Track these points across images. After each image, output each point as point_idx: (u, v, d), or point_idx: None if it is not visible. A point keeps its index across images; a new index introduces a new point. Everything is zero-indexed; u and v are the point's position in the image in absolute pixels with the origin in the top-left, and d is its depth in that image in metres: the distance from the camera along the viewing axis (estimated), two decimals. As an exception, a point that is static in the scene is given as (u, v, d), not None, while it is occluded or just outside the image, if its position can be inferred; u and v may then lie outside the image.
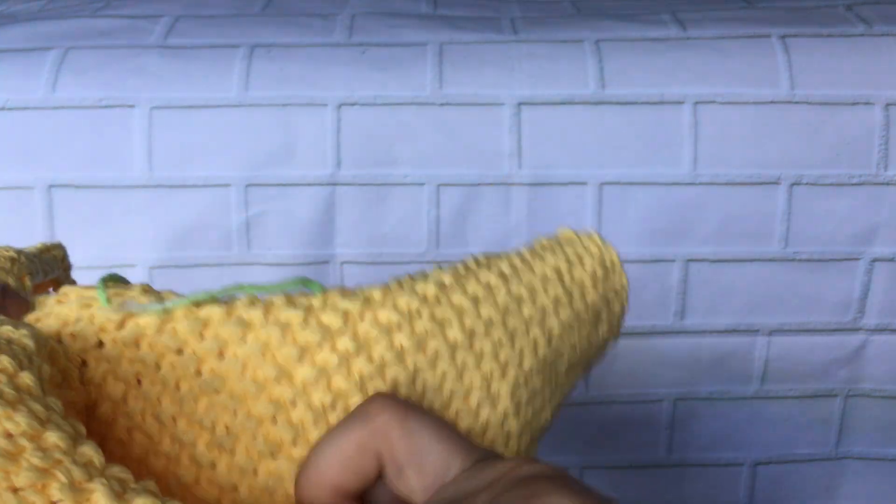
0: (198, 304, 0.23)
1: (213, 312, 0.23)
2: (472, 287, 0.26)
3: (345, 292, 0.24)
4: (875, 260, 0.57)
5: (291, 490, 0.23)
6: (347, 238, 0.56)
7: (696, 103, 0.55)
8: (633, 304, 0.60)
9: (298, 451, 0.23)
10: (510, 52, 0.57)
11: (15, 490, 0.16)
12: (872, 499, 0.63)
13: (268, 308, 0.23)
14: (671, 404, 0.60)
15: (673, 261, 0.57)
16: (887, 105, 0.55)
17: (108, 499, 0.16)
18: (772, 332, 0.59)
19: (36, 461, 0.17)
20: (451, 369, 0.24)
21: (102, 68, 0.55)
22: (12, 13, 0.63)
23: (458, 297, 0.25)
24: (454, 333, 0.25)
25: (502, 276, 0.26)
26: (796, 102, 0.55)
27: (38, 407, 0.18)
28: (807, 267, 0.57)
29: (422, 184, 0.55)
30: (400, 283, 0.25)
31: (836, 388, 0.60)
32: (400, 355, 0.24)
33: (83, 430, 0.18)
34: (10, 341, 0.19)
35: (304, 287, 0.25)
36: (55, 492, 0.16)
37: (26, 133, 0.54)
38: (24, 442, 0.17)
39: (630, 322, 0.58)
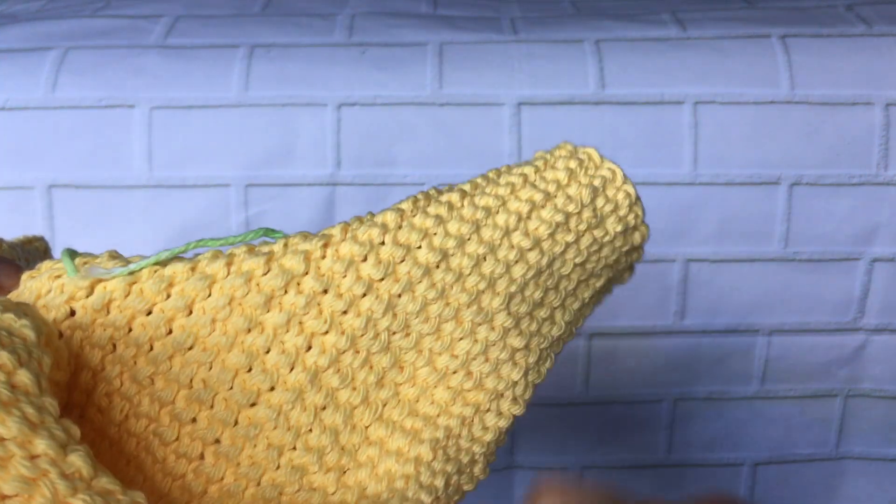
0: (161, 263, 0.23)
1: (177, 270, 0.23)
2: (433, 208, 0.25)
3: (306, 235, 0.24)
4: (875, 260, 0.57)
5: (272, 437, 0.23)
6: (347, 238, 0.56)
7: (696, 103, 0.55)
8: (633, 304, 0.60)
9: (276, 398, 0.23)
10: (510, 52, 0.57)
11: (2, 497, 0.17)
12: (872, 499, 0.63)
13: (230, 260, 0.23)
14: (671, 404, 0.60)
15: (673, 261, 0.57)
16: (887, 105, 0.55)
17: None
18: (772, 332, 0.59)
19: (24, 471, 0.17)
20: (430, 291, 0.24)
21: (102, 68, 0.55)
22: (12, 13, 0.63)
23: (419, 219, 0.25)
24: (424, 254, 0.24)
25: (462, 192, 0.26)
26: (796, 102, 0.55)
27: (31, 410, 0.18)
28: (807, 267, 0.57)
29: (422, 184, 0.55)
30: (359, 219, 0.25)
31: (836, 388, 0.60)
32: (370, 286, 0.24)
33: (76, 432, 0.19)
34: (10, 333, 0.20)
35: (266, 237, 0.25)
36: None
37: (26, 133, 0.54)
38: (13, 448, 0.17)
39: (630, 322, 0.58)
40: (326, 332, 0.23)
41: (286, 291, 0.23)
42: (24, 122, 0.54)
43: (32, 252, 0.32)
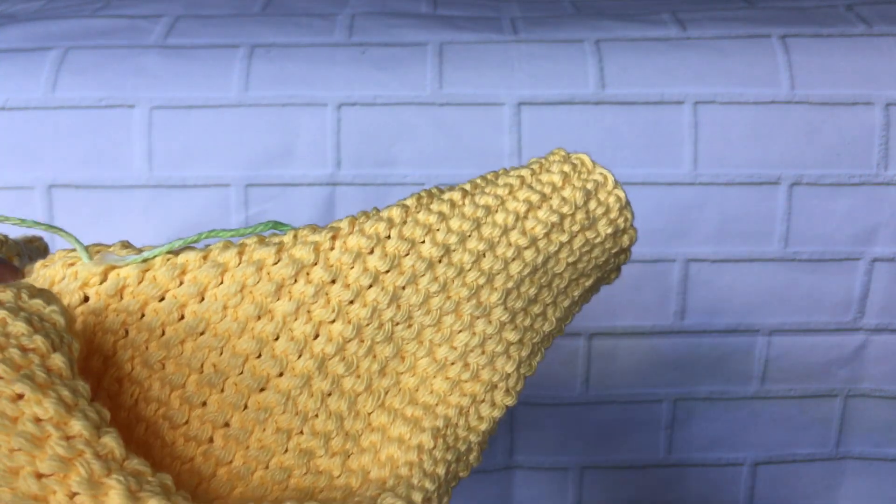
0: (174, 252, 0.24)
1: (190, 258, 0.24)
2: (436, 205, 0.26)
3: (314, 228, 0.25)
4: (875, 260, 0.57)
5: (281, 421, 0.24)
6: (347, 238, 0.56)
7: (696, 103, 0.55)
8: (633, 304, 0.60)
9: (285, 383, 0.24)
10: (510, 52, 0.57)
11: (39, 476, 0.17)
12: (872, 499, 0.63)
13: (241, 249, 0.24)
14: (671, 404, 0.61)
15: (673, 261, 0.57)
16: (887, 105, 0.55)
17: (122, 497, 0.17)
18: (772, 332, 0.59)
19: (60, 450, 0.18)
20: (433, 284, 0.25)
21: (102, 68, 0.55)
22: (12, 13, 0.63)
23: (423, 216, 0.26)
24: (427, 249, 0.25)
25: (464, 191, 0.27)
26: (796, 102, 0.55)
27: (66, 392, 0.19)
28: (807, 267, 0.57)
29: (422, 184, 0.55)
30: (366, 213, 0.26)
31: (836, 388, 0.60)
32: (376, 277, 0.25)
33: (107, 415, 0.19)
34: (41, 318, 0.20)
35: (275, 230, 0.25)
36: (74, 484, 0.17)
37: (26, 133, 0.54)
38: (50, 428, 0.18)
39: (630, 322, 0.58)
40: (334, 321, 0.24)
41: (296, 280, 0.24)
42: (24, 122, 0.54)
43: (33, 250, 0.32)
